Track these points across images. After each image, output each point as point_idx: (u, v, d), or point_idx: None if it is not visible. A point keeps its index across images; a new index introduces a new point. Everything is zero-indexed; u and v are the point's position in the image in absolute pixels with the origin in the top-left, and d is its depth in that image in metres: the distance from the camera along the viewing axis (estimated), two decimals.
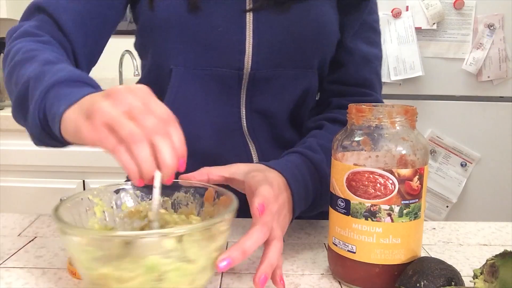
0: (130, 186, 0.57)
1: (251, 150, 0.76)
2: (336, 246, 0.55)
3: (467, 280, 0.53)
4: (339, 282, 0.56)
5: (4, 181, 1.88)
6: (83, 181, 1.89)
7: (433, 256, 0.59)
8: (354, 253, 0.53)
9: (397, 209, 0.51)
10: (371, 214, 0.51)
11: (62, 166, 1.86)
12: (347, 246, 0.53)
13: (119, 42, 1.05)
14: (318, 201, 0.65)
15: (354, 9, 0.77)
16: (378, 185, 0.50)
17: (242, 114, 0.75)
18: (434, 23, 1.84)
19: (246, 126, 0.76)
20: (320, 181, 0.65)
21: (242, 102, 0.75)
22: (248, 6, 0.71)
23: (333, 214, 0.55)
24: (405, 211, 0.51)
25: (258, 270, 0.49)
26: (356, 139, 0.53)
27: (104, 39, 0.75)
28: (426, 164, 0.52)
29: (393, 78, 1.86)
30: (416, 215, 0.52)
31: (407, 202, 0.51)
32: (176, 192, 0.58)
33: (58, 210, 0.48)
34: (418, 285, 0.47)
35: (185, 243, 0.44)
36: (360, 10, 0.78)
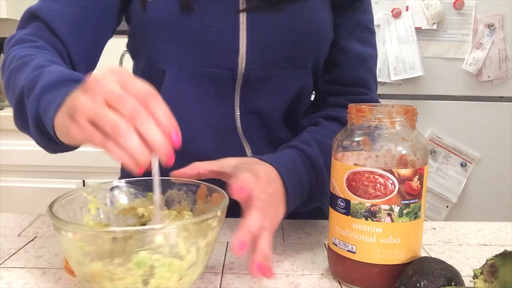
0: (124, 184, 0.58)
1: (246, 151, 0.76)
2: (336, 246, 0.55)
3: (467, 280, 0.53)
4: (339, 282, 0.56)
5: (4, 181, 1.87)
6: (83, 181, 1.89)
7: (433, 256, 0.59)
8: (354, 253, 0.53)
9: (397, 209, 0.51)
10: (371, 214, 0.51)
11: (62, 166, 1.86)
12: (347, 246, 0.53)
13: (119, 42, 1.05)
14: (314, 195, 0.65)
15: (348, 9, 0.77)
16: (378, 185, 0.50)
17: (237, 115, 0.75)
18: (434, 23, 1.84)
19: (240, 126, 0.75)
20: (315, 174, 0.65)
21: (237, 103, 0.75)
22: (241, 6, 0.70)
23: (333, 214, 0.55)
24: (405, 211, 0.51)
25: (253, 262, 0.49)
26: (356, 139, 0.53)
27: (101, 42, 0.75)
28: (426, 164, 0.52)
29: (393, 78, 1.86)
30: (416, 215, 0.52)
31: (407, 202, 0.51)
32: (169, 189, 0.58)
33: (53, 207, 0.48)
34: (418, 285, 0.47)
35: (175, 239, 0.45)
36: (354, 10, 0.78)
